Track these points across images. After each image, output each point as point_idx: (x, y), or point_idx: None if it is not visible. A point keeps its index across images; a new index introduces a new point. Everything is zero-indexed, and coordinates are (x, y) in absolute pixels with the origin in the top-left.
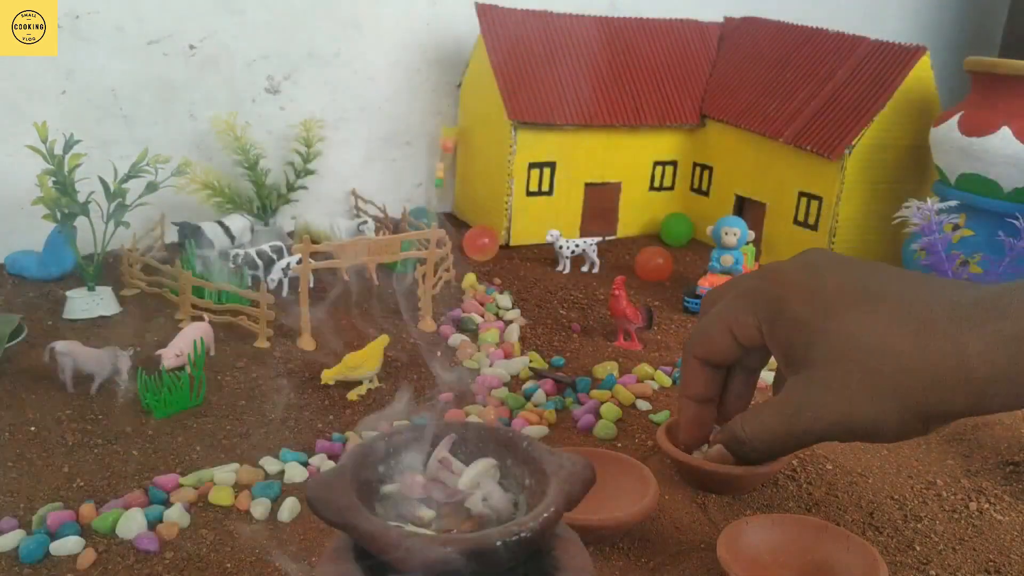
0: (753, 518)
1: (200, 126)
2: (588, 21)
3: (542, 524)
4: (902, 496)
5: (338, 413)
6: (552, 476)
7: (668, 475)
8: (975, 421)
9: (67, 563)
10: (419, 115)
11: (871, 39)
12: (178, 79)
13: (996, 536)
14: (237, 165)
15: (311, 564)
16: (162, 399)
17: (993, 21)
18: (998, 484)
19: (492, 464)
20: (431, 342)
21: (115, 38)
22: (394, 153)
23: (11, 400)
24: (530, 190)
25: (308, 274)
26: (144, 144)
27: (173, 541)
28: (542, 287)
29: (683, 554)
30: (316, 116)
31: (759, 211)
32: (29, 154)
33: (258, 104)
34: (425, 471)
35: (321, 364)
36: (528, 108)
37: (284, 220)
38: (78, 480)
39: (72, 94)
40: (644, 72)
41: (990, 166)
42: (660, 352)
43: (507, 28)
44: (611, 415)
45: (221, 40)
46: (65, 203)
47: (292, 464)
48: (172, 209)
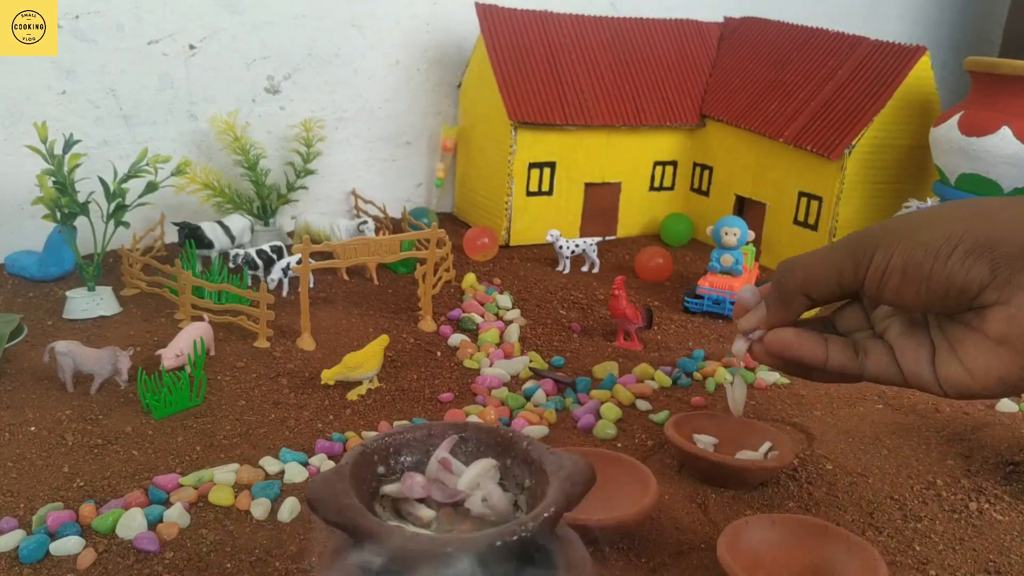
0: (753, 518)
1: (200, 126)
2: (588, 21)
3: (542, 524)
4: (902, 496)
5: (338, 413)
6: (552, 476)
7: (668, 475)
8: (975, 421)
9: (67, 563)
10: (419, 115)
11: (871, 39)
12: (178, 79)
13: (996, 536)
14: (237, 165)
15: (311, 564)
16: (162, 399)
17: (993, 21)
18: (998, 484)
19: (492, 464)
20: (431, 342)
21: (115, 38)
22: (394, 153)
23: (11, 400)
24: (530, 190)
25: (308, 274)
26: (144, 144)
27: (173, 541)
28: (542, 287)
29: (683, 554)
30: (316, 116)
31: (759, 211)
32: (29, 154)
33: (258, 104)
34: (425, 471)
35: (321, 364)
36: (528, 108)
37: (284, 220)
38: (78, 480)
39: (72, 94)
40: (644, 72)
41: (990, 166)
42: (660, 352)
43: (507, 28)
44: (611, 415)
45: (221, 40)
46: (65, 203)
47: (292, 464)
48: (172, 209)
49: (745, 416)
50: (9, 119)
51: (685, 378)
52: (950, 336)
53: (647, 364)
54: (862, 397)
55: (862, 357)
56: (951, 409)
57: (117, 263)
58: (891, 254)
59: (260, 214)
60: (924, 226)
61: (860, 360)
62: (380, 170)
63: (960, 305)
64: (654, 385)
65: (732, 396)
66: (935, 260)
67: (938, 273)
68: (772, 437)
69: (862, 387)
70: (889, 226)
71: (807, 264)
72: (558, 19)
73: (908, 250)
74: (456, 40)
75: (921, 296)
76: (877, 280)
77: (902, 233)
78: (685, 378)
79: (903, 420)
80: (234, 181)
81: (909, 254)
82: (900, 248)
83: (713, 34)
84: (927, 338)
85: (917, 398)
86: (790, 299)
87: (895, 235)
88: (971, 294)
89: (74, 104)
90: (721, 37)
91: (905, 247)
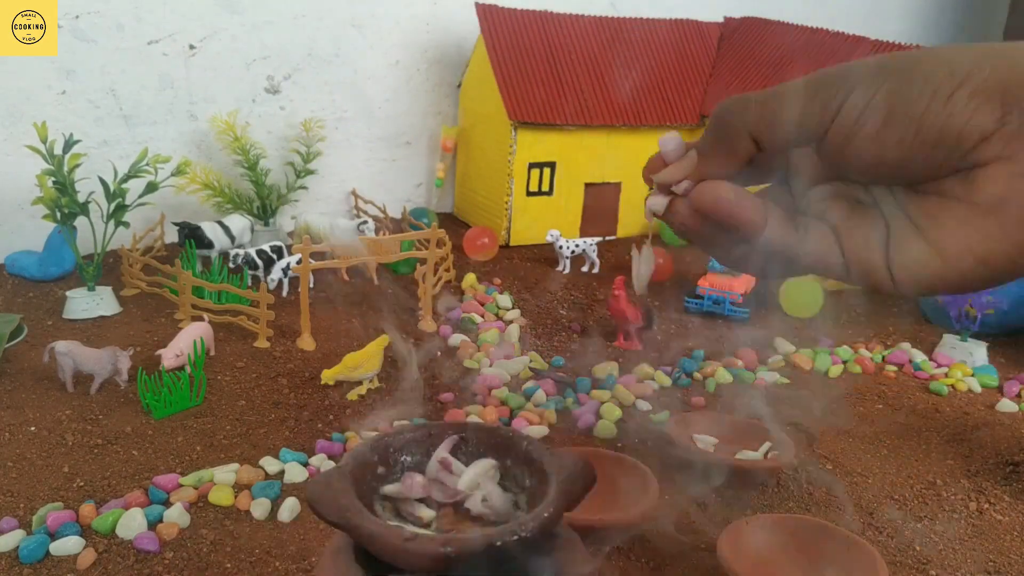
0: (753, 518)
1: (200, 126)
2: (588, 21)
3: (542, 524)
4: (902, 496)
5: (338, 413)
6: (552, 476)
7: (668, 475)
8: (975, 421)
9: (67, 563)
10: (419, 115)
11: (871, 39)
12: (178, 79)
13: (996, 536)
14: (237, 165)
15: (311, 564)
16: (162, 399)
17: (993, 21)
18: (998, 484)
19: (492, 464)
20: (431, 342)
21: (115, 38)
22: (394, 153)
23: (11, 400)
24: (530, 190)
25: (308, 274)
26: (144, 144)
27: (173, 541)
28: (542, 287)
29: (683, 554)
30: (316, 116)
31: None
32: (29, 154)
33: (258, 104)
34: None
35: (321, 364)
36: (528, 108)
37: (284, 220)
38: (78, 480)
39: (72, 94)
40: (644, 72)
41: None
42: (660, 352)
43: (507, 28)
44: (611, 415)
45: (221, 40)
46: (65, 203)
47: (292, 464)
48: (172, 209)
49: (744, 416)
50: (9, 119)
51: (685, 378)
52: (915, 213)
53: (647, 364)
54: (862, 397)
55: (802, 233)
56: (951, 409)
57: (117, 263)
58: (876, 89)
59: (260, 214)
60: (923, 57)
61: (800, 235)
62: (380, 170)
63: (947, 162)
64: (654, 385)
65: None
66: (932, 98)
67: (934, 114)
68: (772, 437)
69: (862, 387)
70: (873, 61)
71: (765, 100)
72: (558, 19)
73: (898, 85)
74: (456, 40)
75: (904, 145)
76: (850, 122)
77: (891, 67)
78: (685, 378)
79: (903, 420)
80: (234, 181)
81: (899, 89)
82: (889, 83)
83: (713, 34)
84: (880, 219)
85: (917, 398)
86: (733, 142)
87: (884, 69)
88: (967, 146)
89: (74, 104)
90: (721, 37)
91: (895, 81)
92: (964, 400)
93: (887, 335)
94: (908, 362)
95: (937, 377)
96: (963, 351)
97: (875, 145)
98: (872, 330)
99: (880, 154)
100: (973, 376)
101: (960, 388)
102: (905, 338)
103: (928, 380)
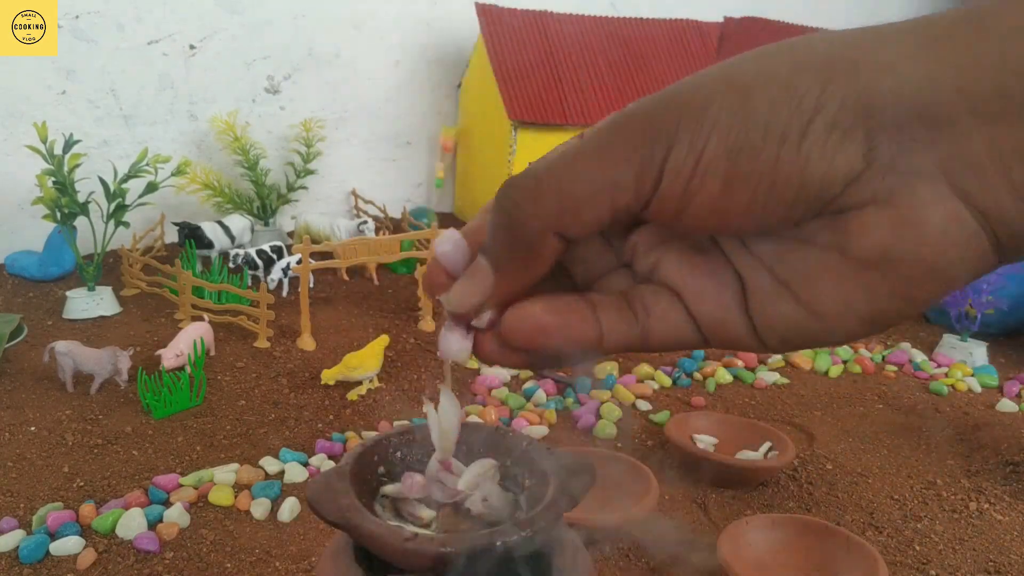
0: (753, 518)
1: (200, 126)
2: (588, 21)
3: (542, 524)
4: (902, 496)
5: (338, 413)
6: (552, 476)
7: (668, 475)
8: (975, 421)
9: (67, 563)
10: (419, 115)
11: None
12: (178, 79)
13: (996, 536)
14: (237, 165)
15: (311, 564)
16: (162, 399)
17: None
18: (998, 484)
19: (492, 464)
20: (431, 342)
21: (115, 38)
22: (394, 153)
23: (11, 400)
24: None
25: (308, 274)
26: (144, 144)
27: (173, 541)
28: None
29: (683, 554)
30: (316, 116)
31: None
32: (29, 154)
33: (258, 104)
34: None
35: (321, 364)
36: (528, 108)
37: (284, 220)
38: (78, 480)
39: (72, 94)
40: (644, 72)
41: None
42: (660, 352)
43: (507, 28)
44: (611, 415)
45: (221, 40)
46: (65, 203)
47: (292, 464)
48: (172, 209)
49: (745, 416)
50: (9, 119)
51: (685, 378)
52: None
53: (647, 364)
54: (862, 397)
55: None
56: (951, 409)
57: (117, 263)
58: (704, 138)
59: (260, 214)
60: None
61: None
62: (380, 170)
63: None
64: (654, 385)
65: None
66: (782, 142)
67: (787, 164)
68: (772, 437)
69: (862, 387)
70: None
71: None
72: (558, 19)
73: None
74: (456, 40)
75: (757, 206)
76: (680, 189)
77: (718, 97)
78: (685, 378)
79: (903, 420)
80: (234, 181)
81: (736, 135)
82: (719, 125)
83: (713, 34)
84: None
85: (917, 398)
86: (533, 246)
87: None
88: (833, 192)
89: (74, 104)
90: (721, 37)
91: (727, 123)
92: (964, 400)
93: (887, 335)
94: (908, 362)
95: (937, 377)
96: (963, 351)
97: (715, 215)
98: None
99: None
100: (973, 376)
101: (960, 388)
102: (905, 338)
103: (928, 380)
